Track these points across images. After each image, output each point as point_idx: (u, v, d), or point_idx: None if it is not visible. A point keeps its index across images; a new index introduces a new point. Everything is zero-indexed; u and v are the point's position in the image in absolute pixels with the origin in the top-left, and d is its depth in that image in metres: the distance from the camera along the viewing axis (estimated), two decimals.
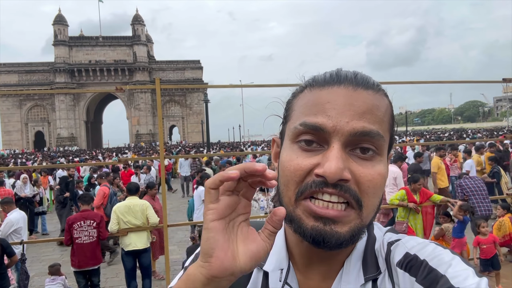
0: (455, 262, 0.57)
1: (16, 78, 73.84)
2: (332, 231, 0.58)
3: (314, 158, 0.60)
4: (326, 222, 0.59)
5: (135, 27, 75.79)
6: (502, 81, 5.40)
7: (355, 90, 0.62)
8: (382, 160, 0.63)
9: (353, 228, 0.60)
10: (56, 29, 72.98)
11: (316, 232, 0.59)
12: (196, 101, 77.16)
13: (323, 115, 0.60)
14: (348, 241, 0.59)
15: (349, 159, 0.60)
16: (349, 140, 0.60)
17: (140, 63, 74.77)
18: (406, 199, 5.99)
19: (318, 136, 0.61)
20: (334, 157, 0.58)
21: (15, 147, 69.81)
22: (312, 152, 0.61)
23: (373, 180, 0.60)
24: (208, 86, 6.66)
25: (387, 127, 0.64)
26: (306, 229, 0.60)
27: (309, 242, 0.60)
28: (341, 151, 0.59)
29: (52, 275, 5.35)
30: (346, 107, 0.60)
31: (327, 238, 0.58)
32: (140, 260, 5.68)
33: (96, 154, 32.94)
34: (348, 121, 0.59)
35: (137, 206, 5.57)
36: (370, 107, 0.61)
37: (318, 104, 0.62)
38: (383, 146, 0.62)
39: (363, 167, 0.60)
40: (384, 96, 0.65)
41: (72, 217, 5.38)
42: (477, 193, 6.27)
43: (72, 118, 74.17)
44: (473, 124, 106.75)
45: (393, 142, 0.69)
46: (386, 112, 0.64)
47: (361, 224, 0.60)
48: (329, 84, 0.64)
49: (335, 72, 0.65)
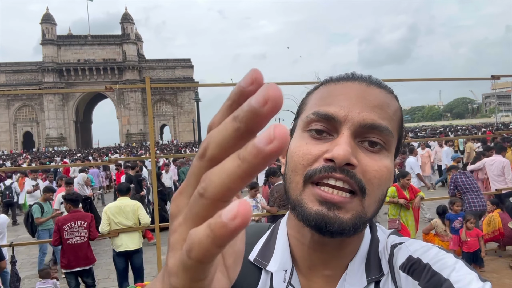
0: (459, 266, 0.57)
1: (4, 78, 72.76)
2: (335, 216, 0.59)
3: (323, 145, 0.62)
4: (330, 207, 0.59)
5: (125, 26, 75.13)
6: (490, 78, 5.46)
7: (369, 86, 0.65)
8: (389, 156, 0.64)
9: (355, 216, 0.60)
10: (44, 28, 72.02)
11: (319, 216, 0.59)
12: (187, 100, 76.82)
13: (336, 105, 0.62)
14: (350, 228, 0.59)
15: (357, 149, 0.61)
16: (359, 130, 0.61)
17: (130, 62, 74.15)
18: (396, 195, 6.03)
19: (329, 125, 0.62)
20: (343, 142, 0.59)
21: (4, 148, 68.84)
22: (322, 140, 0.63)
23: (379, 171, 0.61)
24: (199, 84, 6.64)
25: (396, 126, 0.66)
26: (309, 214, 0.60)
27: (312, 226, 0.60)
28: (350, 138, 0.60)
29: (42, 279, 5.28)
30: (359, 99, 0.62)
31: (330, 223, 0.59)
32: (131, 261, 5.64)
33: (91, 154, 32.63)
34: (360, 112, 0.61)
35: (128, 206, 5.53)
36: (381, 103, 0.63)
37: (332, 96, 0.65)
38: (391, 142, 0.64)
39: (370, 158, 0.61)
40: (394, 98, 0.68)
41: (62, 218, 5.31)
42: (472, 189, 6.33)
43: (61, 118, 73.35)
44: (462, 120, 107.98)
45: (401, 146, 0.69)
46: (395, 113, 0.66)
47: (363, 212, 0.61)
48: (344, 80, 0.67)
49: (351, 72, 0.69)
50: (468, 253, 5.76)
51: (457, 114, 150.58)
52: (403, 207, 6.02)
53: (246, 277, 0.73)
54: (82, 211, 5.63)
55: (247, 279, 0.73)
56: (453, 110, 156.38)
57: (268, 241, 0.75)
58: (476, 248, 5.79)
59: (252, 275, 0.73)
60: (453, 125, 62.14)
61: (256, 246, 0.76)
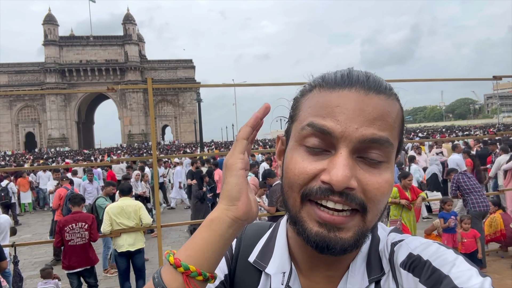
0: (459, 262, 0.57)
1: (6, 79, 72.90)
2: (336, 237, 0.58)
3: (320, 163, 0.59)
4: (330, 229, 0.58)
5: (126, 27, 75.26)
6: (492, 78, 5.45)
7: (367, 94, 0.59)
8: (389, 167, 0.61)
9: (357, 233, 0.59)
10: (46, 29, 72.15)
11: (320, 238, 0.58)
12: (189, 101, 76.82)
13: (332, 119, 0.59)
14: (352, 246, 0.59)
15: (356, 166, 0.59)
16: (358, 146, 0.58)
17: (131, 62, 74.24)
18: (398, 196, 6.02)
19: (325, 139, 0.59)
20: (341, 164, 0.56)
21: (6, 149, 68.96)
22: (319, 156, 0.60)
23: (380, 188, 0.59)
24: (201, 85, 6.61)
25: (397, 133, 0.63)
26: (310, 234, 0.59)
27: (313, 247, 0.60)
28: (349, 158, 0.58)
29: (44, 279, 5.29)
30: (357, 112, 0.58)
31: (331, 244, 0.58)
32: (133, 261, 5.65)
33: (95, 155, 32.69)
34: (358, 128, 0.58)
35: (130, 207, 5.54)
36: (381, 113, 0.59)
37: (328, 106, 0.60)
38: (391, 153, 0.61)
39: (370, 174, 0.59)
40: (396, 100, 0.63)
41: (63, 220, 5.33)
42: (474, 189, 6.31)
43: (63, 119, 73.47)
44: (464, 121, 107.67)
45: (402, 147, 0.68)
46: (397, 118, 0.62)
47: (364, 227, 0.60)
48: (340, 86, 0.61)
49: (347, 73, 0.63)
50: (466, 254, 5.72)
51: (459, 114, 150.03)
52: (405, 208, 6.01)
53: (247, 278, 0.74)
54: (84, 212, 5.63)
55: (247, 280, 0.73)
56: (455, 110, 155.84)
57: (268, 242, 0.75)
58: (473, 249, 5.77)
59: (252, 277, 0.73)
60: (455, 125, 62.00)
61: (257, 247, 0.76)
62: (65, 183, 9.30)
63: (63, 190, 8.65)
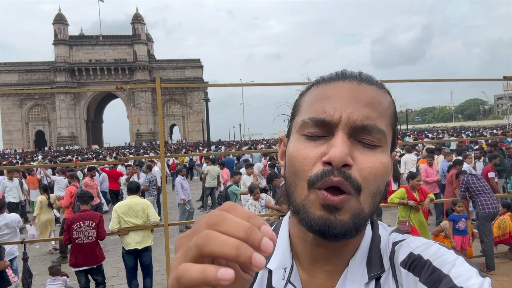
0: (459, 262, 0.57)
1: (17, 78, 73.88)
2: (336, 219, 0.60)
3: (320, 148, 0.63)
4: (331, 211, 0.60)
5: (135, 26, 75.82)
6: (502, 79, 5.39)
7: (359, 84, 0.65)
8: (385, 151, 0.65)
9: (354, 214, 0.61)
10: (56, 28, 72.99)
11: (322, 221, 0.60)
12: (197, 100, 77.13)
13: (329, 108, 0.63)
14: (352, 229, 0.61)
15: (353, 147, 0.62)
16: (353, 129, 0.62)
17: (140, 62, 74.77)
18: (406, 197, 5.98)
19: (323, 127, 0.63)
20: (339, 143, 0.60)
21: (16, 147, 69.91)
22: (318, 141, 0.64)
23: (374, 167, 0.62)
24: (208, 84, 6.62)
25: (389, 122, 0.66)
26: (313, 219, 0.61)
27: (315, 231, 0.61)
28: (345, 138, 0.61)
29: (53, 276, 5.35)
30: (351, 99, 0.63)
31: (332, 226, 0.60)
32: (141, 259, 5.69)
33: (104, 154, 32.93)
34: (352, 112, 0.62)
35: (137, 205, 5.57)
36: (373, 100, 0.64)
37: (324, 98, 0.65)
38: (384, 139, 0.64)
39: (365, 155, 0.62)
40: (386, 93, 0.68)
41: (71, 218, 5.37)
42: (484, 191, 6.25)
43: (73, 117, 74.26)
44: (473, 122, 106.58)
45: (396, 140, 0.70)
46: (388, 108, 0.67)
47: (359, 209, 0.61)
48: (335, 79, 0.67)
49: (341, 71, 0.69)
50: None
51: (468, 115, 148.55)
52: (413, 209, 5.97)
53: None
54: (91, 211, 5.67)
55: None
56: (464, 111, 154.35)
57: None
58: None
59: None
60: (465, 126, 61.40)
61: None
62: (74, 181, 9.39)
63: (73, 188, 8.71)
